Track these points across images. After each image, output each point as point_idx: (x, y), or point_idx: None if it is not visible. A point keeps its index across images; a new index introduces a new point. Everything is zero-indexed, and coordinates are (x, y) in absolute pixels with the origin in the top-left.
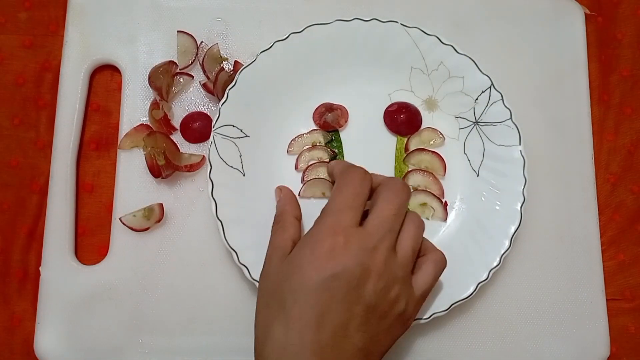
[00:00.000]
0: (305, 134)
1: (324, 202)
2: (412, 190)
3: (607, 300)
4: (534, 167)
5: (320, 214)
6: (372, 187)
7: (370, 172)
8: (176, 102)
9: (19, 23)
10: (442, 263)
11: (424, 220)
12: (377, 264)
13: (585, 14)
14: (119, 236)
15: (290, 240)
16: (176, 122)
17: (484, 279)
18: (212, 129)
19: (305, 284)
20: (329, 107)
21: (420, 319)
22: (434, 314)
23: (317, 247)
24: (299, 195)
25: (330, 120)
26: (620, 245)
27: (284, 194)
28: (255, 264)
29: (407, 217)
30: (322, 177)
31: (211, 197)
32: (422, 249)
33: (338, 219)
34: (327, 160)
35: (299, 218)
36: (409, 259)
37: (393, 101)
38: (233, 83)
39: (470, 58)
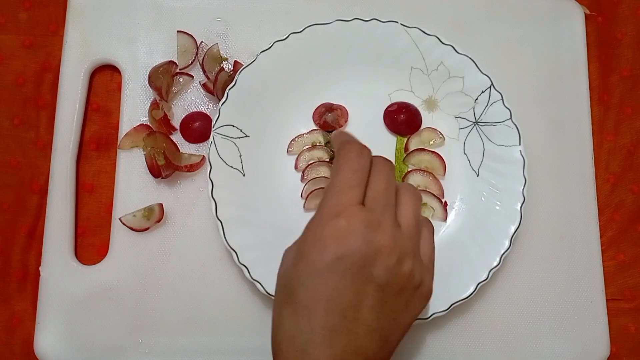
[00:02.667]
0: (305, 134)
1: None
2: None
3: (607, 300)
4: (534, 167)
5: (323, 196)
6: None
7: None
8: (176, 102)
9: (19, 23)
10: (431, 224)
11: None
12: (385, 240)
13: (585, 14)
14: (119, 236)
15: None
16: (176, 122)
17: (484, 279)
18: (212, 129)
19: (311, 269)
20: (329, 107)
21: (421, 319)
22: (434, 314)
23: (320, 231)
24: (303, 207)
25: (330, 120)
26: (620, 245)
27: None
28: (255, 264)
29: (401, 189)
30: (322, 176)
31: (211, 197)
32: None
33: (338, 200)
34: (327, 160)
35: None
36: (414, 229)
37: (393, 101)
38: (233, 83)
39: (470, 58)
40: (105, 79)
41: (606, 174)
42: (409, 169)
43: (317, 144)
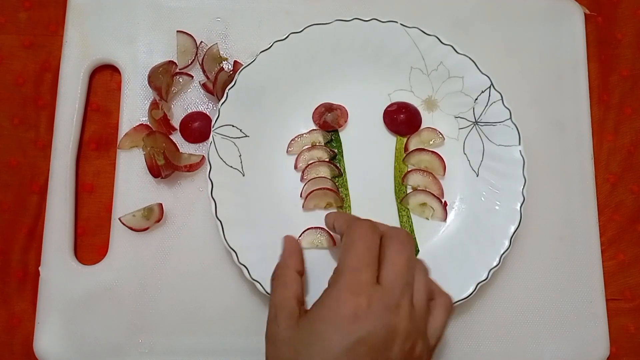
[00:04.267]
0: (305, 133)
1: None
2: (412, 191)
3: (607, 300)
4: (534, 167)
5: (334, 273)
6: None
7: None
8: (176, 102)
9: (19, 23)
10: (451, 307)
11: (424, 220)
12: (403, 322)
13: (585, 14)
14: (119, 236)
15: (294, 299)
16: (176, 122)
17: (484, 279)
18: (212, 129)
19: (329, 352)
20: (328, 107)
21: None
22: None
23: (339, 310)
24: (303, 207)
25: (330, 120)
26: (620, 245)
27: (286, 245)
28: (255, 264)
29: (415, 266)
30: (322, 176)
31: (211, 197)
32: (429, 292)
33: (356, 278)
34: (327, 159)
35: (301, 273)
36: (425, 309)
37: (393, 101)
38: (233, 83)
39: (470, 58)
40: (105, 79)
41: (606, 174)
42: (409, 169)
43: (317, 144)
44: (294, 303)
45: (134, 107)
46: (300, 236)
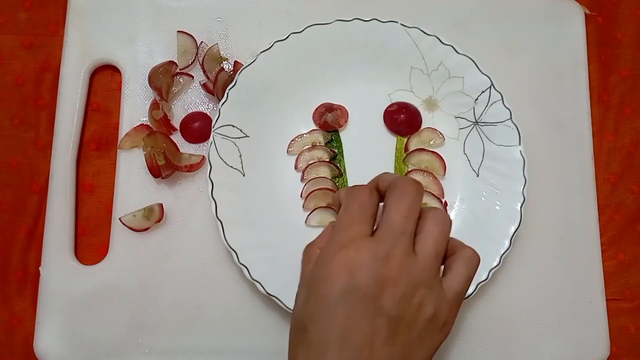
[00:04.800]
0: (305, 134)
1: (329, 213)
2: None
3: (607, 300)
4: (534, 167)
5: (331, 232)
6: (382, 190)
7: (380, 172)
8: (176, 102)
9: (19, 23)
10: (473, 260)
11: None
12: (392, 271)
13: (585, 14)
14: (119, 236)
15: None
16: (176, 122)
17: (484, 279)
18: (212, 129)
19: (322, 304)
20: (329, 107)
21: None
22: None
23: (329, 265)
24: (303, 207)
25: (330, 120)
26: (620, 245)
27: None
28: (256, 264)
29: (429, 215)
30: (322, 176)
31: (211, 197)
32: (450, 248)
33: (346, 234)
34: (327, 159)
35: None
36: (432, 260)
37: (393, 101)
38: (233, 83)
39: (470, 58)
40: (105, 79)
41: (606, 174)
42: (409, 169)
43: (317, 144)
44: None
45: (135, 107)
46: (310, 214)
